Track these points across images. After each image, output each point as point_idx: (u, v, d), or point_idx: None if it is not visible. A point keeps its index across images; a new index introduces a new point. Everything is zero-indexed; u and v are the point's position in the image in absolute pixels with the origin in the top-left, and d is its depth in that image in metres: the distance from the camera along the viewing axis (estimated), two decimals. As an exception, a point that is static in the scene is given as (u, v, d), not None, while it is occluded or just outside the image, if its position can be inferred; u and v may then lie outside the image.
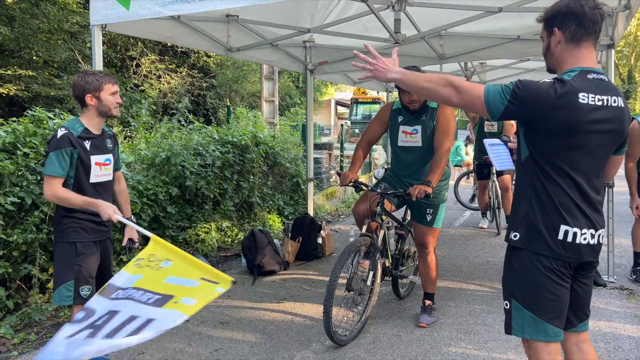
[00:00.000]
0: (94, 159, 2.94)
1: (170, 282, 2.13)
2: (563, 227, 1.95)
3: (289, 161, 8.04)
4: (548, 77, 2.03)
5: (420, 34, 4.82)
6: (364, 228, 3.73)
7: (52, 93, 12.79)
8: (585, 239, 1.96)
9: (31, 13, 13.51)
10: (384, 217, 3.80)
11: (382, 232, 3.78)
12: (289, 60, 6.06)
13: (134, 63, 17.33)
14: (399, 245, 4.20)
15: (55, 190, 2.79)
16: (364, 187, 3.90)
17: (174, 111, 6.43)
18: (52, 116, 4.28)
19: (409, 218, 4.17)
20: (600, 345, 3.45)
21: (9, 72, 12.48)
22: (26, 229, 4.04)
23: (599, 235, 2.01)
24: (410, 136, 3.84)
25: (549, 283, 1.97)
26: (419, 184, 3.53)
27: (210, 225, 6.23)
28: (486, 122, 6.98)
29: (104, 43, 15.90)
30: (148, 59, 17.32)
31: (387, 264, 3.94)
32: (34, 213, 4.07)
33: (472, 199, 9.41)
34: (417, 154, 3.85)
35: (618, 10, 4.23)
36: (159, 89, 17.57)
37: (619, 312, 4.11)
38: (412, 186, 3.55)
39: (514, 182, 9.15)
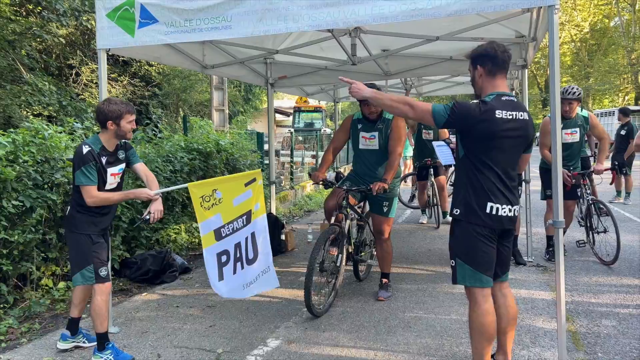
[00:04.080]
0: (110, 170, 3.52)
1: (236, 202, 3.43)
2: (489, 204, 2.77)
3: (246, 167, 8.63)
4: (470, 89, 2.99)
5: (372, 56, 5.65)
6: (333, 219, 4.46)
7: (-7, 103, 12.57)
8: (504, 212, 2.79)
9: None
10: (348, 210, 4.55)
11: (347, 222, 4.52)
12: (252, 75, 6.71)
13: (74, 72, 17.13)
14: (359, 234, 4.95)
15: (95, 195, 3.36)
16: (331, 184, 4.68)
17: (148, 122, 6.87)
18: (46, 127, 4.69)
19: (367, 210, 4.93)
20: (521, 306, 4.35)
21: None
22: (25, 230, 4.43)
23: (515, 210, 2.85)
24: (369, 141, 4.63)
25: (482, 245, 2.79)
26: (378, 182, 4.32)
27: (180, 227, 6.73)
28: (424, 131, 7.94)
29: (39, 51, 15.72)
30: (88, 68, 17.18)
31: (349, 250, 4.68)
32: (31, 215, 4.47)
33: (411, 199, 10.40)
34: (374, 156, 4.63)
35: (527, 41, 5.26)
36: (98, 97, 17.48)
37: (535, 283, 5.07)
38: (373, 183, 4.32)
39: (449, 182, 10.22)
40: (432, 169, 7.95)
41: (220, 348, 3.67)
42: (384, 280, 4.81)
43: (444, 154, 7.50)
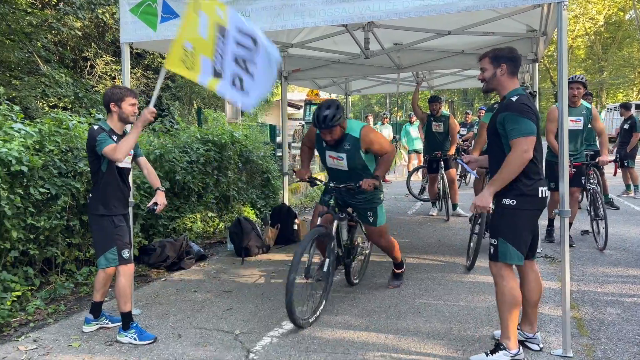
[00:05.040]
0: None
1: (203, 34, 3.39)
2: (541, 189, 3.07)
3: (260, 159, 8.80)
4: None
5: (385, 50, 5.76)
6: (319, 220, 4.15)
7: (13, 94, 12.84)
8: (547, 194, 3.15)
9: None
10: (336, 209, 4.20)
11: (335, 223, 4.14)
12: (266, 68, 6.85)
13: (88, 64, 17.36)
14: (350, 236, 4.54)
15: (117, 148, 3.48)
16: (318, 182, 4.28)
17: (165, 113, 7.06)
18: (70, 117, 4.88)
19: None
20: (527, 295, 4.48)
21: (-35, 73, 12.45)
22: (50, 216, 4.63)
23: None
24: (337, 161, 4.23)
25: (530, 227, 3.11)
26: (369, 178, 4.05)
27: (195, 216, 6.91)
28: (434, 123, 8.04)
29: (54, 43, 15.96)
30: (102, 60, 17.40)
31: (339, 253, 4.33)
32: (56, 202, 4.67)
33: (421, 192, 10.51)
34: (347, 174, 4.23)
35: (538, 35, 5.34)
36: (114, 89, 17.71)
37: (543, 272, 5.17)
38: (363, 180, 4.04)
39: (457, 175, 10.32)
40: (442, 162, 8.05)
41: (238, 329, 3.85)
42: (395, 270, 4.83)
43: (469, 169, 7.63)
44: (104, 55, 17.36)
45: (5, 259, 4.27)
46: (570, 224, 6.07)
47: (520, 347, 3.19)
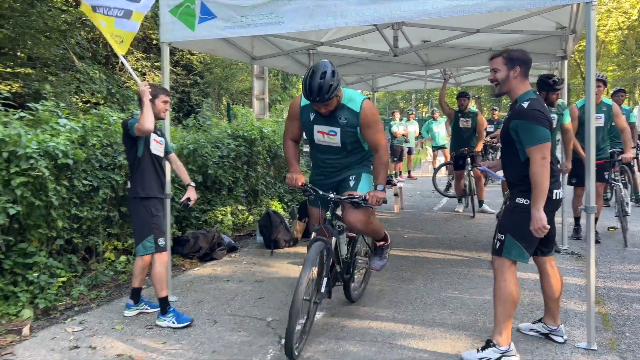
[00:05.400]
0: (152, 137, 3.96)
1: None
2: (555, 191, 3.10)
3: (287, 154, 8.97)
4: None
5: (413, 48, 5.84)
6: (313, 234, 3.46)
7: (50, 90, 13.31)
8: (561, 195, 3.18)
9: (23, 12, 13.90)
10: (334, 222, 3.59)
11: (333, 239, 3.53)
12: (296, 66, 7.01)
13: (120, 60, 17.76)
14: (350, 248, 3.99)
15: (140, 121, 3.73)
16: (314, 192, 3.56)
17: (199, 109, 7.29)
18: (111, 113, 5.13)
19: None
20: (553, 290, 4.54)
21: (9, 69, 12.97)
22: (92, 207, 4.89)
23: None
24: (328, 137, 3.58)
25: None
26: (374, 190, 3.47)
27: (226, 209, 7.13)
28: (461, 119, 8.07)
29: (87, 40, 16.42)
30: (133, 57, 17.82)
31: (338, 269, 3.80)
32: (98, 194, 4.92)
33: (447, 188, 10.55)
34: (338, 153, 3.66)
35: (568, 33, 5.36)
36: (144, 85, 18.13)
37: (569, 269, 5.22)
38: (367, 193, 3.44)
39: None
40: (469, 159, 8.09)
41: (270, 317, 4.02)
42: (380, 243, 4.02)
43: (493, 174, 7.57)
44: (134, 52, 17.79)
45: (51, 246, 4.53)
46: (596, 219, 6.07)
47: (512, 344, 3.19)
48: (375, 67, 7.18)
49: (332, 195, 3.49)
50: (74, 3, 15.53)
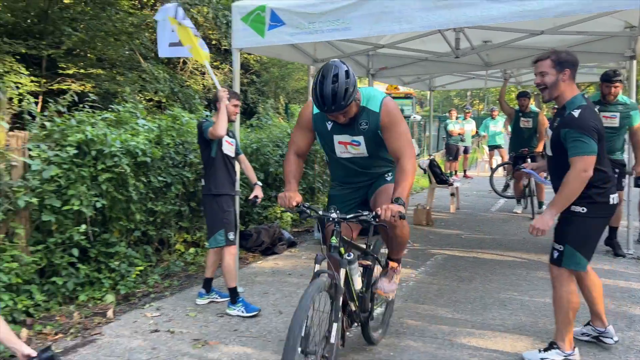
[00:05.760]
0: (224, 138, 4.21)
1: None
2: (611, 196, 3.07)
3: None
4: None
5: (475, 49, 5.86)
6: (316, 267, 2.75)
7: (118, 89, 14.11)
8: (617, 200, 3.11)
9: (94, 16, 14.71)
10: (342, 250, 2.83)
11: (342, 271, 2.78)
12: (355, 67, 7.15)
13: (181, 60, 18.51)
14: (366, 280, 3.26)
15: (215, 126, 4.03)
16: (311, 213, 2.81)
17: (256, 108, 7.59)
18: (184, 114, 5.47)
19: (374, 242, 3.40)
20: (617, 295, 4.46)
21: (82, 70, 13.84)
22: (166, 202, 5.23)
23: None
24: (352, 147, 3.00)
25: (598, 236, 3.13)
26: (389, 204, 2.63)
27: (285, 206, 7.38)
28: (522, 119, 7.95)
29: (152, 41, 17.18)
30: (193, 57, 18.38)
31: (353, 308, 3.07)
32: (170, 190, 5.26)
33: (504, 189, 10.38)
34: (366, 162, 3.09)
35: (637, 33, 5.22)
36: (203, 84, 18.77)
37: (634, 274, 5.11)
38: (380, 207, 2.62)
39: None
40: (529, 159, 7.95)
41: (332, 310, 4.20)
42: (392, 264, 3.26)
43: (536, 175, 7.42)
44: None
45: (130, 238, 4.91)
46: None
47: (576, 349, 3.20)
48: (434, 67, 7.22)
49: (334, 215, 2.73)
50: (139, 5, 16.29)
